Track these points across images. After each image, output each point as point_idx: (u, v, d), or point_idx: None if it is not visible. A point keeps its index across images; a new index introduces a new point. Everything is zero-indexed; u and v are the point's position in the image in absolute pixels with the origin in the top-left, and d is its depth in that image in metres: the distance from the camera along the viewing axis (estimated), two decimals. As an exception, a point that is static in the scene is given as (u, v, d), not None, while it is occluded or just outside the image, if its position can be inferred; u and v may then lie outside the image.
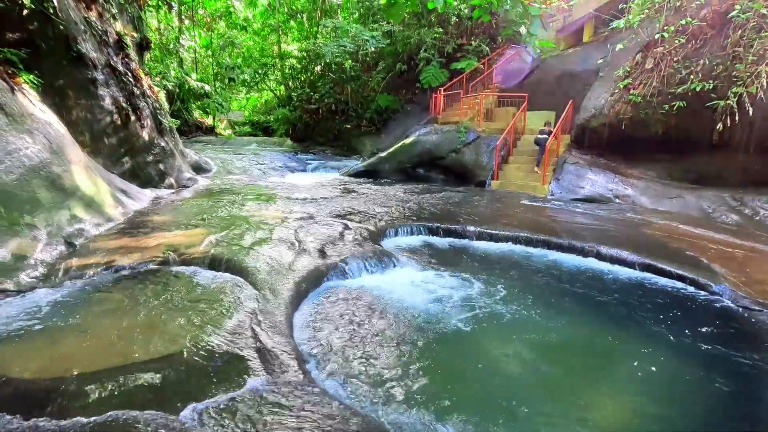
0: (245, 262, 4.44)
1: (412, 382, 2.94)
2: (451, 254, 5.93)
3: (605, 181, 9.87)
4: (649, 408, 2.86)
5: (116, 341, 3.02)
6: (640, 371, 3.26)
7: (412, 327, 3.70)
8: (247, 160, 14.84)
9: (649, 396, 2.97)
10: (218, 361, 2.78)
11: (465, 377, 3.09)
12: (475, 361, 3.31)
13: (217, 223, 6.07)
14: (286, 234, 5.57)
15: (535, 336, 3.71)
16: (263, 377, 2.65)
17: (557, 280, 4.96)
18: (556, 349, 3.55)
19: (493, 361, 3.32)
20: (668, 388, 3.07)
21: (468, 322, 3.85)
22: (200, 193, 9.08)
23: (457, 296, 4.37)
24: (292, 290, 3.97)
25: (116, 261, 4.39)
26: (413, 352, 3.33)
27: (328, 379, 2.91)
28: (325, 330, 3.55)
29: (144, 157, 8.68)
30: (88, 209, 5.44)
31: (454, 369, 3.19)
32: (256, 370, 2.69)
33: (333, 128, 21.30)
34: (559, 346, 3.61)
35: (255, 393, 2.49)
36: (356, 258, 4.84)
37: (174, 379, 2.59)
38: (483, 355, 3.41)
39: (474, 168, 11.94)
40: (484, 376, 3.11)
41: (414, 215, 7.41)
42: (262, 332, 3.14)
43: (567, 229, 6.61)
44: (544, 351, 3.50)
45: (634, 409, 2.88)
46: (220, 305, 3.57)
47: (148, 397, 2.42)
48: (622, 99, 9.75)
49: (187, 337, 3.04)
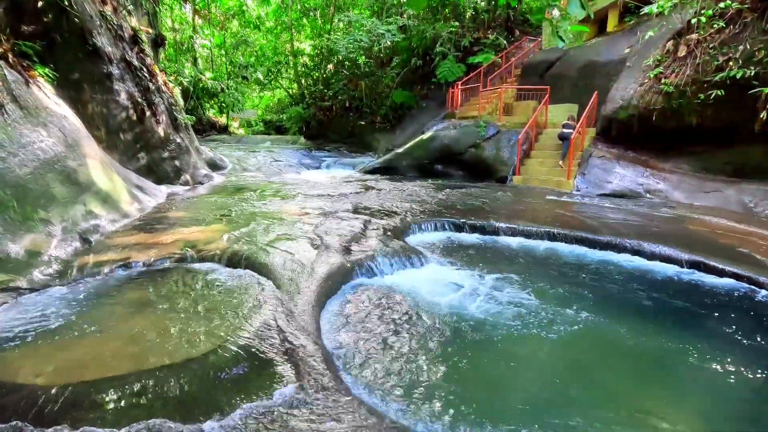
0: (266, 259, 4.20)
1: (450, 388, 2.66)
2: (480, 251, 5.62)
3: (634, 175, 9.43)
4: (715, 417, 2.53)
5: (133, 344, 2.80)
6: (703, 377, 2.92)
7: (445, 328, 3.42)
8: (262, 158, 14.69)
9: (715, 405, 2.65)
10: (243, 366, 2.53)
11: (506, 383, 2.80)
12: (517, 366, 3.01)
13: (235, 220, 5.86)
14: (307, 230, 5.33)
15: (581, 338, 3.40)
16: (293, 384, 2.39)
17: (599, 279, 4.62)
18: (607, 352, 3.23)
19: (536, 365, 3.02)
20: (736, 395, 2.73)
21: (506, 323, 3.55)
22: (216, 190, 8.91)
23: (492, 295, 4.07)
24: (317, 289, 3.71)
25: (132, 258, 4.19)
26: (449, 356, 3.05)
27: (361, 386, 2.64)
28: (354, 331, 3.29)
29: (159, 153, 8.54)
30: (104, 205, 5.27)
31: (493, 374, 2.89)
32: (285, 377, 2.44)
33: (347, 125, 21.07)
34: (609, 348, 3.29)
35: (286, 402, 2.24)
36: (383, 255, 4.57)
37: (195, 386, 2.34)
38: (524, 358, 3.11)
39: (494, 163, 11.57)
40: (527, 382, 2.81)
41: (436, 211, 7.11)
42: (289, 334, 2.89)
43: (602, 225, 6.24)
44: (592, 354, 3.19)
45: (699, 419, 2.55)
46: (242, 305, 3.33)
47: (168, 406, 2.18)
48: (652, 89, 9.29)
49: (208, 339, 2.80)
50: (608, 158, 10.04)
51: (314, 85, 23.87)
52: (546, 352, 3.21)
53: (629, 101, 9.79)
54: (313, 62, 24.90)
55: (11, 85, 4.74)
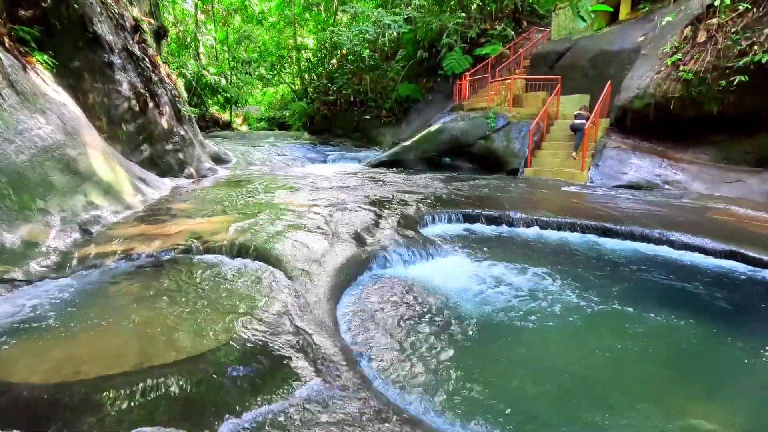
0: (276, 250, 3.97)
1: (479, 386, 2.42)
2: (498, 242, 5.37)
3: (651, 166, 9.12)
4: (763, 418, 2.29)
5: (136, 339, 2.57)
6: (747, 374, 2.68)
7: (468, 322, 3.18)
8: (266, 152, 14.45)
9: (763, 406, 2.40)
10: (257, 363, 2.30)
11: (536, 380, 2.55)
12: (546, 362, 2.77)
13: (242, 211, 5.63)
14: (317, 221, 5.09)
15: (612, 332, 3.16)
16: (314, 382, 2.16)
17: (626, 270, 4.37)
18: (641, 346, 2.99)
19: (567, 362, 2.78)
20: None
21: (532, 317, 3.31)
22: (221, 183, 8.69)
23: (514, 287, 3.83)
24: (332, 281, 3.48)
25: (135, 249, 3.97)
26: (475, 351, 2.81)
27: (385, 383, 2.40)
28: (373, 326, 3.05)
29: (163, 146, 8.31)
30: (106, 195, 5.05)
31: (522, 370, 2.65)
32: (304, 374, 2.21)
33: (351, 120, 20.79)
34: (643, 342, 3.05)
35: (306, 403, 2.01)
36: (398, 246, 4.32)
37: (206, 386, 2.11)
38: (554, 354, 2.87)
39: (505, 155, 11.28)
40: (559, 379, 2.57)
41: (449, 203, 6.85)
42: (304, 328, 2.66)
43: (624, 215, 5.97)
44: (624, 348, 2.95)
45: (743, 419, 2.30)
46: (253, 297, 3.10)
47: (176, 409, 1.95)
48: (670, 77, 8.98)
49: (217, 334, 2.57)
50: (623, 149, 9.74)
51: (318, 80, 23.58)
52: (574, 345, 2.97)
53: (645, 90, 9.48)
54: (317, 57, 24.61)
55: (8, 70, 4.51)
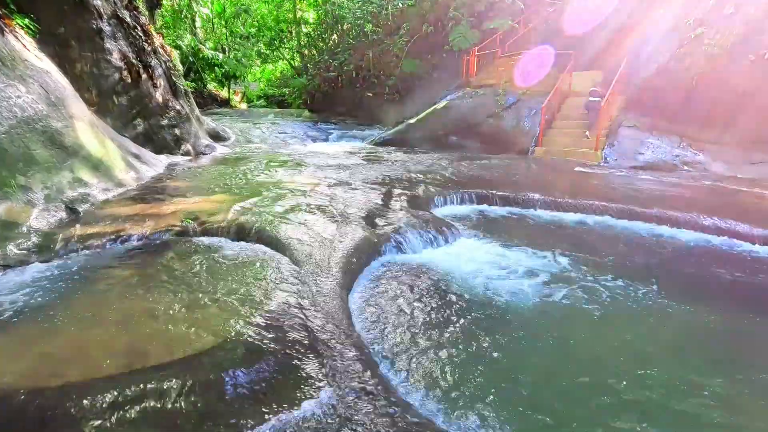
0: (280, 233, 3.64)
1: (509, 387, 2.14)
2: (514, 224, 5.05)
3: (669, 146, 8.73)
4: None
5: (126, 334, 2.27)
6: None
7: (493, 314, 2.88)
8: (266, 130, 13.98)
9: None
10: (262, 366, 1.99)
11: (568, 377, 2.27)
12: (577, 356, 2.48)
13: (243, 190, 5.28)
14: (323, 202, 4.75)
15: (646, 322, 2.88)
16: (328, 391, 1.86)
17: (655, 255, 4.06)
18: (675, 337, 2.72)
19: (600, 356, 2.50)
20: None
21: (558, 306, 3.02)
22: (220, 161, 8.30)
23: (537, 274, 3.52)
24: (343, 268, 3.16)
25: (127, 230, 3.64)
26: (502, 346, 2.51)
27: (408, 387, 2.11)
28: (390, 321, 2.75)
29: (158, 120, 7.89)
30: (95, 172, 4.69)
31: (555, 368, 2.36)
32: (317, 380, 1.91)
33: (353, 97, 20.17)
34: (679, 333, 2.78)
35: (322, 415, 1.71)
36: (413, 229, 4.00)
37: (203, 392, 1.82)
38: (585, 347, 2.59)
39: (514, 134, 10.85)
40: (593, 376, 2.28)
41: (459, 183, 6.49)
42: (315, 324, 2.35)
43: (646, 197, 5.64)
44: (658, 339, 2.68)
45: None
46: (255, 287, 2.79)
47: (169, 421, 1.66)
48: (693, 51, 8.50)
49: (216, 330, 2.27)
50: (639, 128, 9.31)
51: (318, 56, 22.81)
52: (608, 338, 2.68)
53: (665, 66, 9.00)
54: (317, 31, 23.76)
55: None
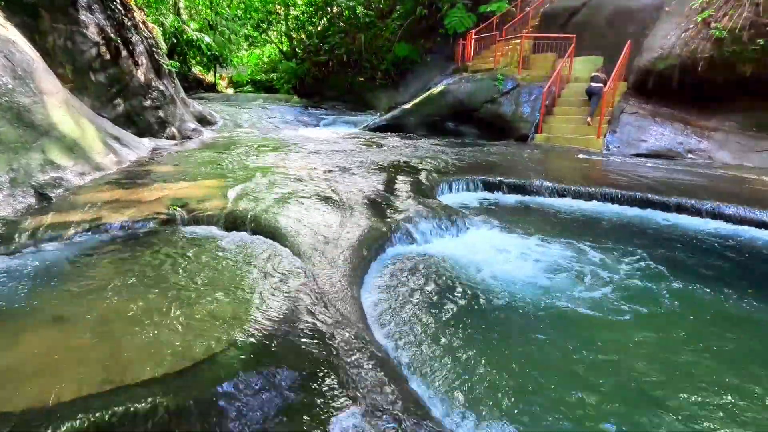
0: (279, 222, 3.29)
1: (551, 396, 1.86)
2: (526, 213, 4.77)
3: (673, 133, 8.53)
4: None
5: (103, 341, 1.91)
6: None
7: (522, 312, 2.59)
8: (255, 114, 13.44)
9: None
10: (267, 384, 1.66)
11: (614, 381, 2.00)
12: (622, 357, 2.21)
13: (235, 175, 4.88)
14: (323, 188, 4.39)
15: (671, 313, 2.65)
16: (349, 413, 1.54)
17: (675, 244, 3.82)
18: (703, 332, 2.48)
19: (642, 355, 2.23)
20: None
21: (591, 303, 2.74)
22: (208, 145, 7.83)
23: (562, 267, 3.25)
24: (351, 261, 2.83)
25: (105, 219, 3.24)
26: (536, 349, 2.23)
27: (443, 406, 1.81)
28: (409, 321, 2.44)
29: (140, 101, 7.37)
30: (69, 154, 4.24)
31: (600, 371, 2.09)
32: (336, 400, 1.59)
33: (344, 82, 19.61)
34: (706, 327, 2.55)
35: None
36: (423, 218, 3.67)
37: (200, 416, 1.48)
38: (626, 345, 2.31)
39: (513, 120, 10.54)
40: (641, 379, 2.02)
41: (462, 170, 6.16)
42: (327, 327, 2.02)
43: (657, 185, 5.39)
44: (682, 333, 2.44)
45: None
46: (255, 283, 2.44)
47: (155, 461, 1.32)
48: (699, 35, 8.25)
49: (210, 338, 1.92)
50: (642, 115, 9.09)
51: (308, 39, 22.10)
52: (648, 334, 2.41)
53: (670, 50, 8.75)
54: (307, 14, 22.98)
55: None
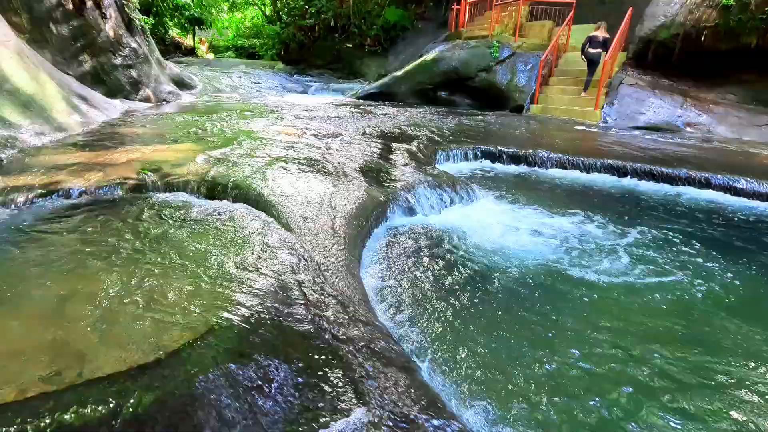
0: (264, 189, 2.94)
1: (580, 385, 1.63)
2: (529, 184, 4.50)
3: (672, 106, 8.30)
4: None
5: (56, 327, 1.58)
6: None
7: (537, 290, 2.35)
8: (237, 79, 12.73)
9: None
10: (258, 376, 1.37)
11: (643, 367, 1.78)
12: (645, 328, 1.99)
13: (215, 138, 4.46)
14: (313, 155, 4.02)
15: (701, 284, 2.44)
16: (361, 409, 1.26)
17: (690, 219, 3.62)
18: (718, 309, 2.27)
19: (671, 334, 2.02)
20: None
21: (608, 273, 2.52)
22: (186, 109, 7.28)
23: (574, 237, 3.02)
24: (347, 233, 2.52)
25: (65, 183, 2.83)
26: (558, 330, 1.99)
27: (461, 399, 1.55)
28: (415, 301, 2.16)
29: (109, 58, 6.74)
30: (25, 111, 3.76)
31: (620, 341, 1.87)
32: (339, 394, 1.31)
33: (332, 48, 18.75)
34: (722, 305, 2.34)
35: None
36: (425, 187, 3.36)
37: (173, 426, 1.18)
38: (650, 314, 2.10)
39: (508, 90, 10.18)
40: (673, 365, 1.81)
41: (458, 139, 5.83)
42: (324, 308, 1.73)
43: (663, 157, 5.17)
44: (699, 310, 2.23)
45: None
46: (238, 257, 2.11)
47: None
48: (705, 3, 7.91)
49: (187, 321, 1.60)
50: (641, 86, 8.81)
51: (293, 1, 20.94)
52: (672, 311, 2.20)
53: (673, 18, 8.40)
54: (291, -26, 21.71)
55: None
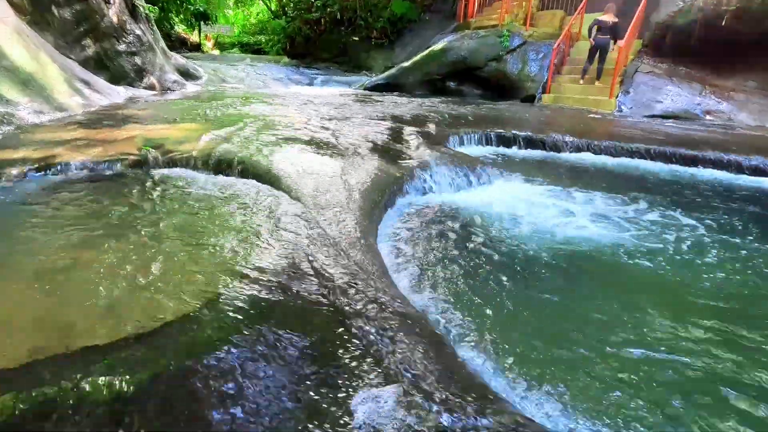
0: (273, 164, 2.76)
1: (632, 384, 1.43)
2: (548, 169, 4.28)
3: (690, 93, 8.04)
4: None
5: (43, 296, 1.41)
6: None
7: (567, 264, 2.15)
8: (243, 71, 12.58)
9: None
10: (270, 350, 1.19)
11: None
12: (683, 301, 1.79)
13: (221, 120, 4.29)
14: (322, 134, 3.84)
15: (732, 265, 2.23)
16: (384, 389, 1.08)
17: (722, 201, 3.40)
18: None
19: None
20: None
21: (644, 254, 2.32)
22: (191, 97, 7.12)
23: (605, 218, 2.81)
24: (362, 207, 2.33)
25: (62, 157, 2.67)
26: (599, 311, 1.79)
27: (505, 381, 1.37)
28: (442, 278, 1.97)
29: (113, 44, 6.60)
30: (23, 89, 3.61)
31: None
32: (360, 374, 1.13)
33: (338, 41, 18.57)
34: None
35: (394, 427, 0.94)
36: (441, 165, 3.17)
37: (170, 402, 1.01)
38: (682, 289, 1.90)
39: (519, 80, 9.93)
40: None
41: (470, 125, 5.62)
42: (342, 281, 1.55)
43: (690, 141, 4.94)
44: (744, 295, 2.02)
45: None
46: (245, 229, 1.94)
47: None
48: (726, -15, 7.64)
49: (191, 292, 1.43)
50: (657, 74, 8.55)
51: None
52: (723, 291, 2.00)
53: (692, 3, 8.13)
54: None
55: None
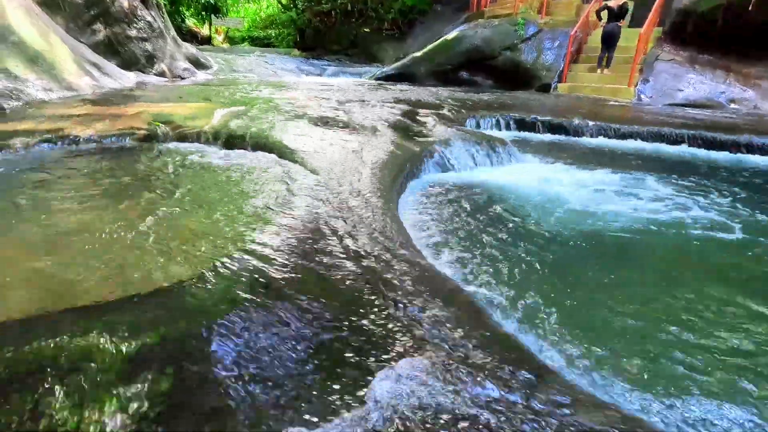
0: (287, 139, 2.65)
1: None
2: (568, 152, 4.11)
3: (713, 81, 7.77)
4: None
5: (45, 257, 1.32)
6: None
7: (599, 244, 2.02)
8: (253, 62, 12.48)
9: None
10: (290, 315, 1.08)
11: None
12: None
13: (233, 101, 4.20)
14: (337, 114, 3.72)
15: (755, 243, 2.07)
16: (415, 359, 0.96)
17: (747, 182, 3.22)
18: None
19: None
20: None
21: (672, 230, 2.17)
22: (201, 84, 7.05)
23: (628, 198, 2.66)
24: (381, 179, 2.21)
25: (70, 130, 2.59)
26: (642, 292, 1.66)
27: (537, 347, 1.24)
28: (470, 251, 1.85)
29: (124, 30, 6.54)
30: (32, 66, 3.54)
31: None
32: (387, 344, 1.01)
33: (348, 33, 18.40)
34: None
35: (428, 392, 0.82)
36: (460, 143, 3.03)
37: (179, 362, 0.90)
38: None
39: (534, 69, 9.71)
40: None
41: (487, 109, 5.47)
42: (363, 248, 1.43)
43: (712, 126, 4.74)
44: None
45: None
46: (258, 198, 1.82)
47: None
48: (752, -32, 7.34)
49: (203, 257, 1.33)
50: (678, 62, 8.28)
51: (310, -14, 20.63)
52: None
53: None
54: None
55: None
